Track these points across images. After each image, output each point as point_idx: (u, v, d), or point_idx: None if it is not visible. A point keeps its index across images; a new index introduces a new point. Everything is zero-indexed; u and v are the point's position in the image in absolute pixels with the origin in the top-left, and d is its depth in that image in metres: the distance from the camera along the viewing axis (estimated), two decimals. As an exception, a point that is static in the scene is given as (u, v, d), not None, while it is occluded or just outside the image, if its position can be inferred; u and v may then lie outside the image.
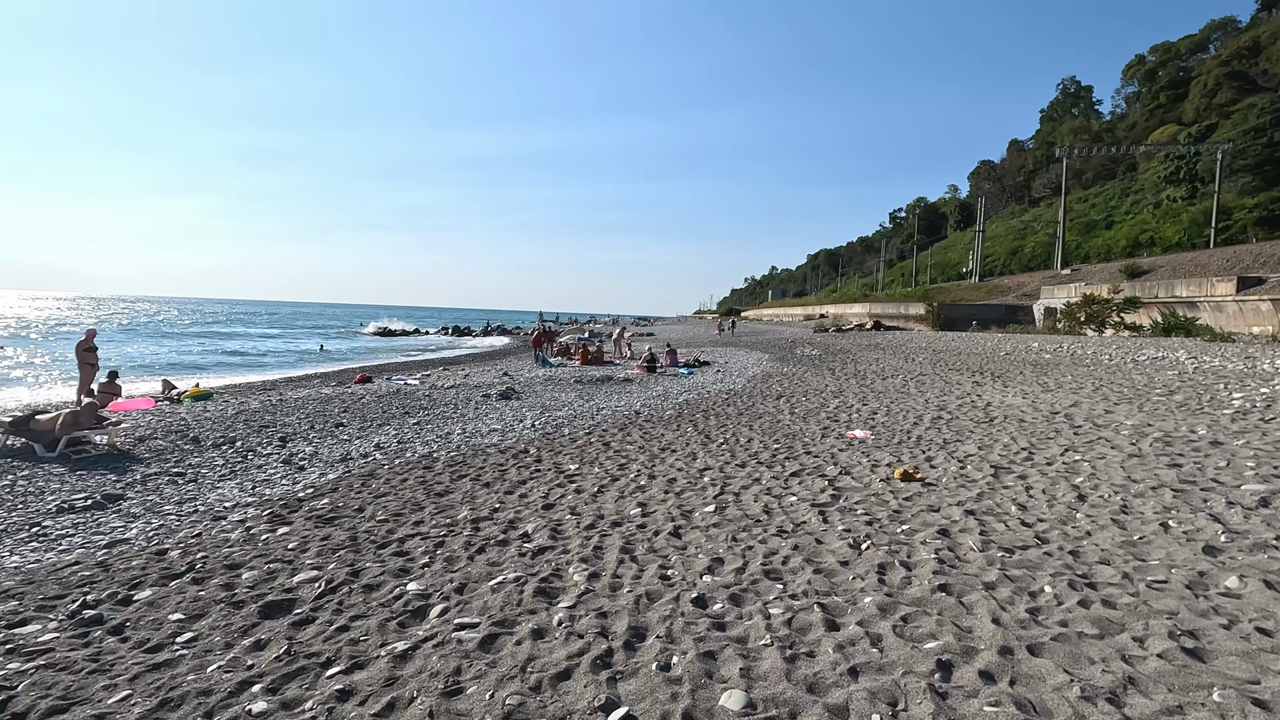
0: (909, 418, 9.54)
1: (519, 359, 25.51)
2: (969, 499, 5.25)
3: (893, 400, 11.45)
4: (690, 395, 13.19)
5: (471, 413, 11.16)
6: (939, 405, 10.65)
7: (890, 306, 51.28)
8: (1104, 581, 3.54)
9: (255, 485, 6.53)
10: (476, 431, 9.33)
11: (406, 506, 5.59)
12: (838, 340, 32.99)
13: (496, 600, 3.56)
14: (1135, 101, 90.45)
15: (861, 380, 14.81)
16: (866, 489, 5.67)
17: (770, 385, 14.48)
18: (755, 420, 9.78)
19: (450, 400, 12.63)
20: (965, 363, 18.31)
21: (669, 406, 11.62)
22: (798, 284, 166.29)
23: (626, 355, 25.36)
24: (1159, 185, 66.61)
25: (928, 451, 7.17)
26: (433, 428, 9.72)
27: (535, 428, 9.60)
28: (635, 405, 11.83)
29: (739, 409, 11.01)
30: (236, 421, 9.89)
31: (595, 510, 5.31)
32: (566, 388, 14.69)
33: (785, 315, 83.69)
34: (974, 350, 22.83)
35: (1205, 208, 53.45)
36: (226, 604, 3.65)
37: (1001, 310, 47.34)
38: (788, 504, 5.31)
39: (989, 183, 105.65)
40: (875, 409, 10.51)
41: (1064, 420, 8.73)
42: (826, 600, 3.44)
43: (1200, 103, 73.40)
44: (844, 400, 11.64)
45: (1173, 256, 43.52)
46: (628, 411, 11.06)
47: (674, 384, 15.40)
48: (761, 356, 23.47)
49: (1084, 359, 18.16)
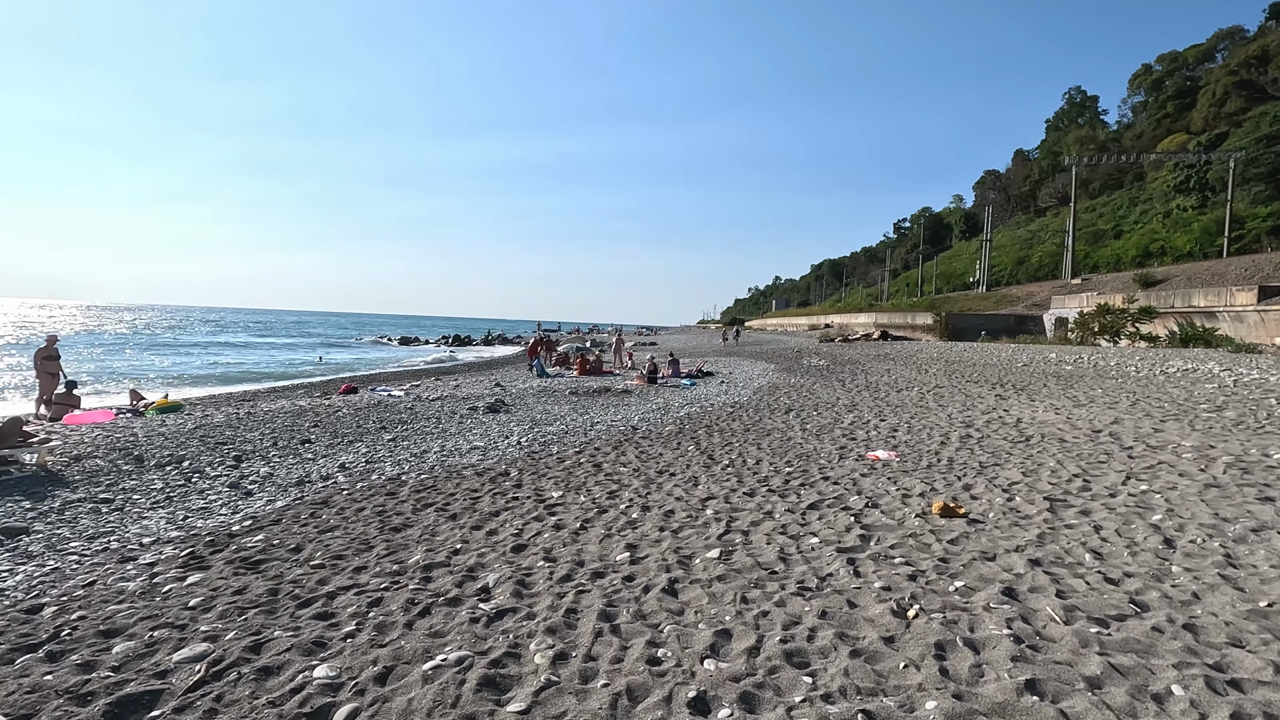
0: (934, 436, 8.61)
1: (516, 369, 24.62)
2: (1028, 542, 4.33)
3: (912, 415, 10.52)
4: (692, 408, 12.29)
5: (454, 428, 10.26)
6: (965, 421, 9.71)
7: (897, 316, 50.33)
8: (1250, 677, 2.62)
9: (188, 516, 5.63)
10: (456, 450, 8.43)
11: (352, 545, 4.70)
12: (845, 350, 32.06)
13: (425, 699, 2.65)
14: (1142, 111, 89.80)
15: (875, 393, 13.88)
16: (901, 527, 4.75)
17: (778, 398, 13.57)
18: (763, 438, 8.86)
19: (434, 414, 11.74)
20: (982, 374, 17.37)
21: (669, 421, 10.71)
22: (801, 294, 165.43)
23: (627, 365, 24.48)
24: (1168, 194, 65.70)
25: (964, 477, 6.24)
26: (409, 445, 8.82)
27: (521, 445, 8.70)
28: (633, 419, 10.93)
29: (745, 424, 10.10)
30: (193, 437, 9.01)
31: (575, 554, 4.40)
32: (560, 400, 13.79)
33: (790, 325, 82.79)
34: (989, 361, 21.88)
35: (1217, 217, 52.52)
36: (69, 698, 2.74)
37: (1010, 320, 46.35)
38: (808, 547, 4.39)
39: (994, 192, 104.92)
40: (895, 425, 9.58)
41: (1110, 440, 7.79)
42: (873, 704, 2.53)
43: (1209, 112, 72.67)
44: (859, 415, 10.72)
45: (1187, 266, 42.51)
46: (624, 427, 10.16)
47: (675, 396, 14.49)
48: (767, 367, 22.56)
49: (1108, 371, 17.20)
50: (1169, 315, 33.23)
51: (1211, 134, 62.65)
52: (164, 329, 69.19)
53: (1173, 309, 33.19)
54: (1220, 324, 30.07)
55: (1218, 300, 30.85)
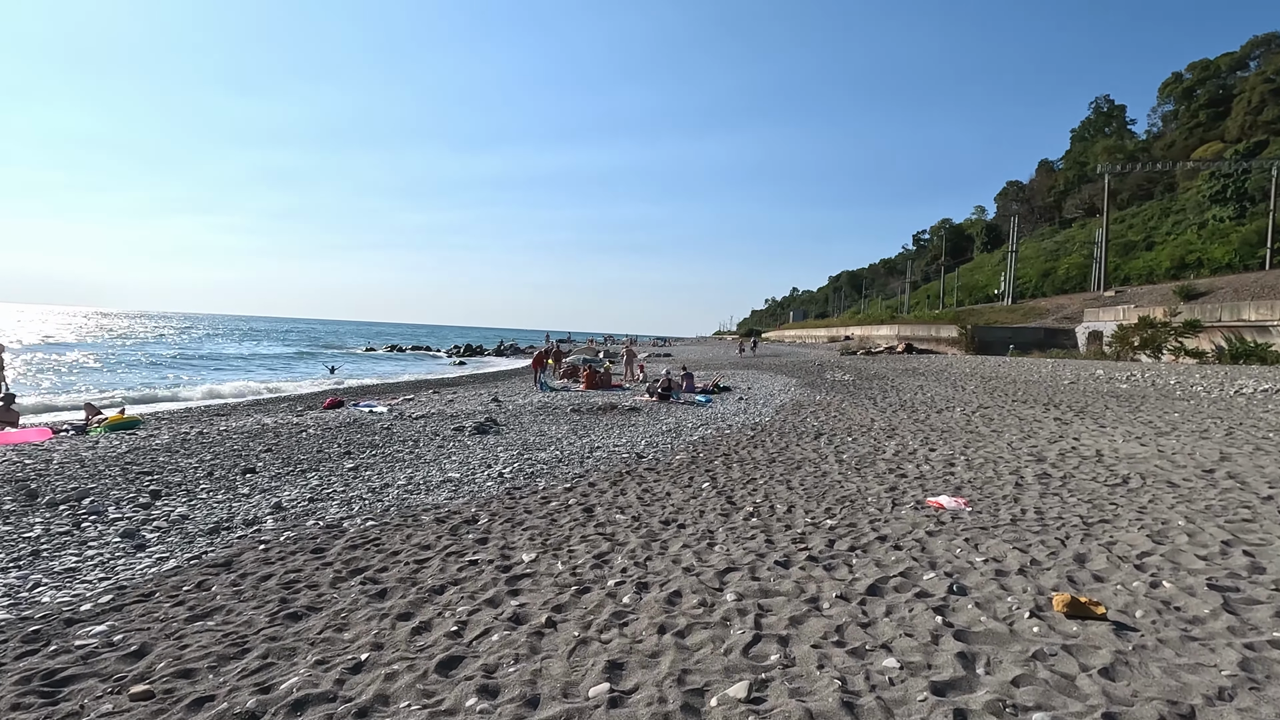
0: (1001, 472, 7.06)
1: (522, 381, 23.26)
2: (1228, 677, 2.80)
3: (965, 443, 8.96)
4: (707, 430, 10.81)
5: (431, 453, 8.86)
6: (1032, 453, 8.13)
7: (920, 328, 48.44)
8: None
9: (38, 583, 4.26)
10: (424, 483, 7.03)
11: (219, 648, 3.27)
12: (869, 364, 30.37)
13: None
14: (1172, 120, 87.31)
15: (913, 413, 12.31)
16: (1014, 636, 3.23)
17: (804, 418, 12.04)
18: (793, 472, 7.36)
19: (413, 435, 10.36)
20: (1027, 392, 15.71)
21: (680, 446, 9.24)
22: (819, 305, 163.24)
23: (639, 378, 23.03)
24: (1203, 205, 63.27)
25: (1068, 541, 4.70)
26: (371, 476, 7.43)
27: (503, 478, 7.28)
28: (638, 444, 9.47)
29: (769, 453, 8.60)
30: (116, 465, 7.67)
31: (528, 679, 2.93)
32: (560, 419, 12.36)
33: (808, 336, 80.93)
34: (1030, 378, 20.15)
35: (1258, 227, 50.19)
36: None
37: (1041, 334, 44.31)
38: (882, 679, 2.88)
39: (1017, 204, 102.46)
40: (949, 456, 8.03)
41: (1235, 484, 6.19)
42: None
43: (1245, 120, 70.21)
44: (902, 442, 9.17)
45: (1233, 277, 40.33)
46: (627, 454, 8.70)
47: (688, 414, 13.02)
48: (788, 381, 21.00)
49: (1170, 390, 15.46)
50: (1215, 329, 31.20)
51: (1249, 142, 60.23)
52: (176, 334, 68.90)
53: (1220, 323, 31.16)
54: (1275, 339, 28.04)
55: (1271, 314, 28.82)
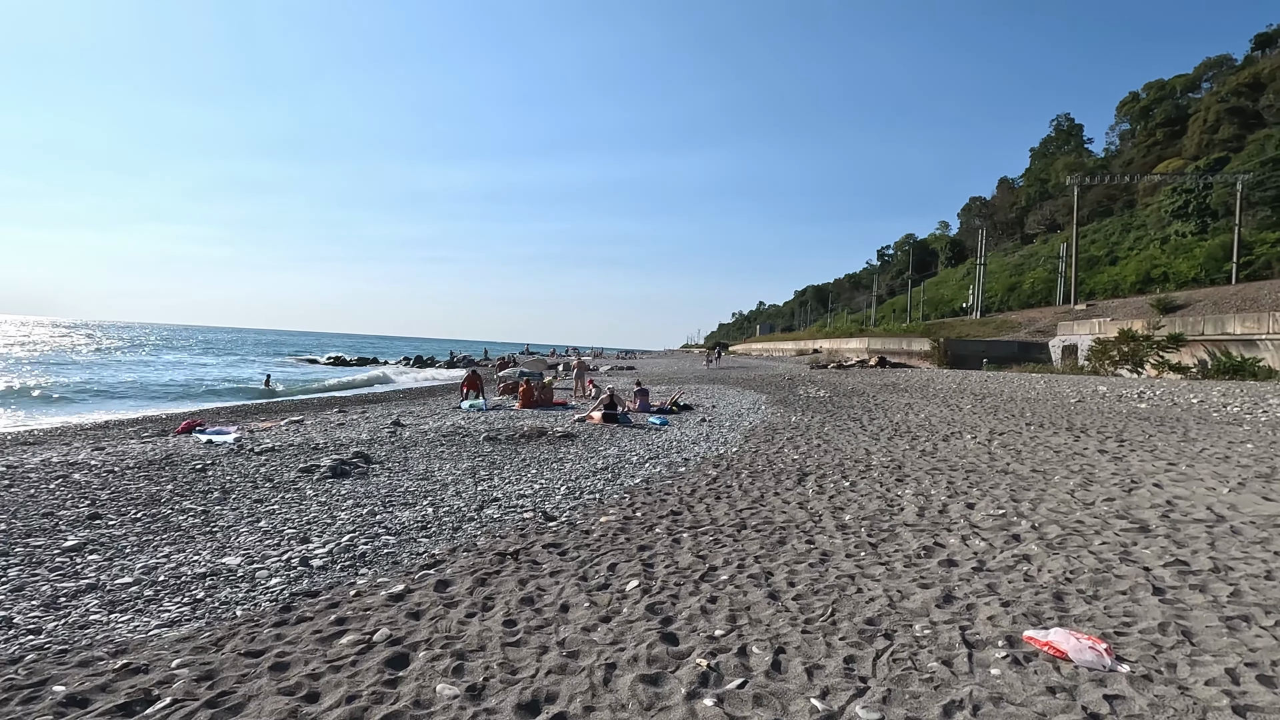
0: (1102, 552, 4.47)
1: (445, 399, 20.11)
2: None
3: (1010, 493, 6.40)
4: (655, 467, 8.09)
5: (230, 517, 5.90)
6: (1120, 513, 5.58)
7: (891, 342, 46.73)
8: None
9: None
10: (147, 593, 4.15)
11: None
12: (843, 378, 28.09)
13: None
14: (1130, 139, 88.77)
15: (914, 441, 9.79)
16: None
17: (779, 447, 9.42)
18: (774, 551, 4.66)
19: (235, 479, 7.36)
20: (1036, 412, 13.39)
21: (613, 497, 6.50)
22: (785, 319, 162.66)
23: (590, 393, 20.21)
24: (1164, 220, 63.57)
25: None
26: (93, 563, 4.51)
27: (307, 569, 4.43)
28: (555, 493, 6.70)
29: (737, 509, 5.90)
30: None
31: None
32: (465, 451, 9.48)
33: (776, 350, 79.09)
34: (1027, 395, 17.96)
35: (1223, 242, 50.03)
36: None
37: (1015, 347, 42.92)
38: None
39: (979, 219, 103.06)
40: (1001, 520, 5.43)
41: None
42: None
43: (1201, 138, 71.26)
44: (921, 489, 6.58)
45: (1210, 290, 39.46)
46: (533, 510, 5.92)
47: (636, 442, 10.29)
48: (758, 398, 18.43)
49: (1203, 412, 13.31)
50: (1198, 343, 29.86)
51: (1209, 159, 60.66)
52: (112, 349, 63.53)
53: (1202, 336, 29.82)
54: (1263, 354, 26.67)
55: (1258, 327, 27.49)
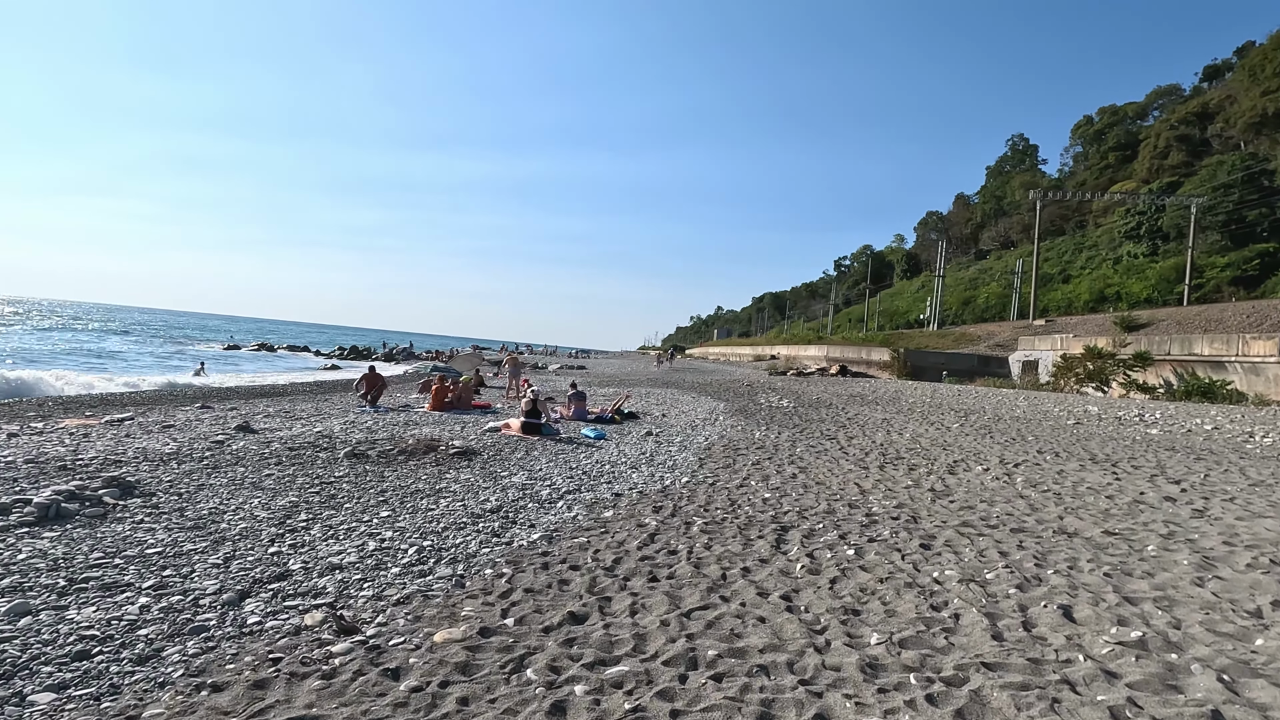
0: None
1: (340, 398, 16.92)
2: None
3: (1108, 578, 4.20)
4: (570, 509, 5.66)
5: None
6: None
7: (850, 350, 45.42)
8: None
9: None
10: None
11: None
12: (805, 387, 26.17)
13: None
14: (1083, 161, 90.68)
15: (910, 471, 7.60)
16: None
17: (745, 475, 7.10)
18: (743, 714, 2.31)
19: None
20: (1036, 435, 11.48)
21: (481, 570, 4.03)
22: (743, 325, 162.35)
23: (524, 394, 17.55)
24: (1116, 240, 64.55)
25: None
26: None
27: None
28: (393, 564, 4.19)
29: (678, 600, 3.51)
30: None
31: None
32: (310, 471, 6.85)
33: (733, 355, 77.52)
34: (1013, 413, 16.18)
35: (1176, 264, 50.60)
36: None
37: (974, 360, 42.10)
38: None
39: (935, 233, 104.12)
40: (1140, 641, 3.20)
41: None
42: None
43: (1151, 163, 72.83)
44: (962, 565, 4.33)
45: (1173, 310, 39.21)
46: (321, 613, 3.41)
47: (555, 464, 7.83)
48: (715, 406, 16.17)
49: (1231, 442, 11.61)
50: (1164, 362, 29.12)
51: (1161, 183, 61.71)
52: None
53: (1169, 356, 29.08)
54: (1231, 376, 25.91)
55: (1226, 349, 26.75)
